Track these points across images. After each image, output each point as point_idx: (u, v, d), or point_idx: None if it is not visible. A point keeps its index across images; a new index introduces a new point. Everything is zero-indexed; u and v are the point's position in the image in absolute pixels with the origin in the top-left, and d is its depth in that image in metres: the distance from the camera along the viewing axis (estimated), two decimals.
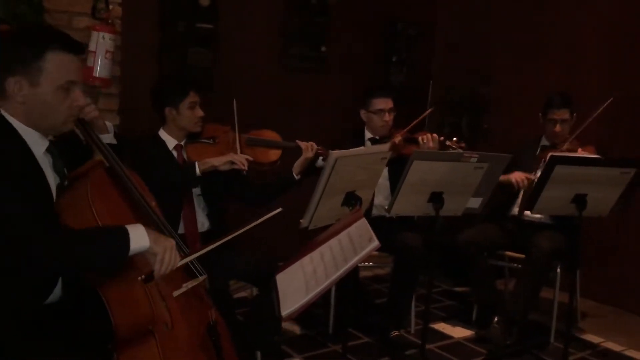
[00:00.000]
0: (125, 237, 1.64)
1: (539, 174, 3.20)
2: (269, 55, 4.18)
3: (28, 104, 1.70)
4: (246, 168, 2.67)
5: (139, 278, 1.71)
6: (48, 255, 1.59)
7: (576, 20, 4.25)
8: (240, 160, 2.66)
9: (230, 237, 1.87)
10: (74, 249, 1.62)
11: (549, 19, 4.39)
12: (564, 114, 3.38)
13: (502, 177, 3.24)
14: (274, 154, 2.90)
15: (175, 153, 2.83)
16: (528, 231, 3.39)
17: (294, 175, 2.88)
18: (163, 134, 2.85)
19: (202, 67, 3.81)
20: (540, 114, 3.49)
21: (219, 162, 2.65)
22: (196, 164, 2.64)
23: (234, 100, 2.84)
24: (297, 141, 2.89)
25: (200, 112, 2.81)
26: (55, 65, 1.70)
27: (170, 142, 2.84)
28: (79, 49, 1.79)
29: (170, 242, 1.73)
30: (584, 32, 4.20)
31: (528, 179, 3.25)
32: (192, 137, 2.86)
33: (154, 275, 1.70)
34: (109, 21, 3.08)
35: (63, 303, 1.82)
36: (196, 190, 2.82)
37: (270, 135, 2.97)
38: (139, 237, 1.66)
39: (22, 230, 1.57)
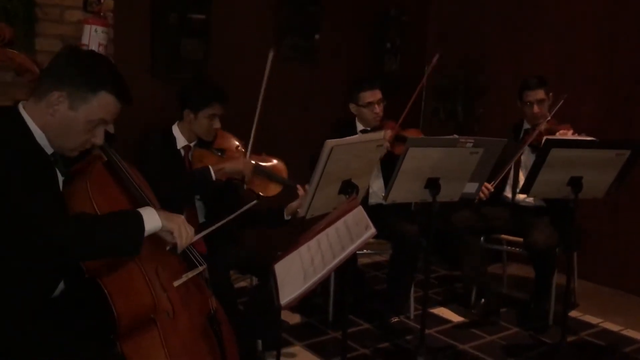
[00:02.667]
0: (139, 220, 1.72)
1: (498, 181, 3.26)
2: (262, 46, 4.14)
3: (55, 119, 1.73)
4: (248, 178, 2.74)
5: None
6: (68, 242, 1.64)
7: (571, 3, 4.23)
8: (248, 171, 2.72)
9: (233, 215, 2.03)
10: (93, 234, 1.66)
11: (543, 3, 4.38)
12: (539, 94, 3.40)
13: None
14: (274, 189, 2.86)
15: (182, 152, 2.83)
16: (523, 215, 3.41)
17: (285, 215, 2.82)
18: (176, 130, 2.84)
19: (195, 58, 3.79)
20: (517, 100, 3.49)
21: (232, 168, 2.72)
22: (211, 170, 2.66)
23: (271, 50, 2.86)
24: (298, 186, 2.79)
25: (217, 125, 2.79)
26: (102, 104, 1.76)
27: (181, 141, 2.83)
28: (129, 102, 1.84)
29: (181, 218, 1.83)
30: (578, 16, 4.19)
31: (488, 189, 3.25)
32: (202, 142, 2.85)
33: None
34: (101, 14, 3.07)
35: (65, 296, 1.84)
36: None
37: (278, 167, 2.92)
38: (151, 218, 1.74)
39: (44, 220, 1.61)
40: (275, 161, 2.94)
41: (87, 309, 1.82)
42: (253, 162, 2.77)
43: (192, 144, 2.85)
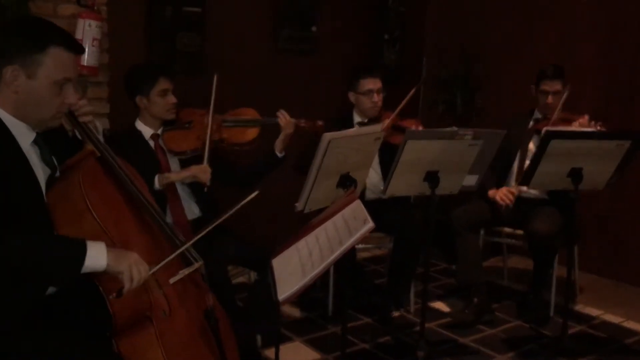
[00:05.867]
0: (80, 252, 1.61)
1: (520, 186, 3.23)
2: (259, 37, 4.13)
3: (21, 94, 1.70)
4: (209, 184, 2.62)
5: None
6: (5, 254, 1.57)
7: None
8: (204, 176, 2.60)
9: (207, 229, 1.88)
10: (27, 254, 1.59)
11: None
12: (556, 85, 3.35)
13: (490, 193, 3.33)
14: (252, 133, 2.82)
15: (152, 143, 2.79)
16: (525, 207, 3.39)
17: (277, 153, 2.84)
18: (139, 124, 2.80)
19: (191, 51, 3.76)
20: (532, 86, 3.47)
21: (180, 177, 2.65)
22: (155, 178, 2.59)
23: (215, 76, 2.77)
24: (277, 117, 2.82)
25: (172, 99, 2.75)
26: (55, 60, 1.71)
27: (147, 132, 2.79)
28: (80, 49, 1.81)
29: (134, 257, 1.70)
30: (578, 6, 4.16)
31: (512, 193, 3.26)
32: (168, 124, 2.81)
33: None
34: (95, 8, 3.03)
35: (62, 293, 1.82)
36: None
37: (248, 113, 2.89)
38: (96, 254, 1.63)
39: None
40: (244, 109, 2.91)
41: (84, 307, 1.80)
42: (208, 167, 2.64)
43: (159, 131, 2.80)
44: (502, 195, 3.28)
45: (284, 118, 2.82)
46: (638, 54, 3.89)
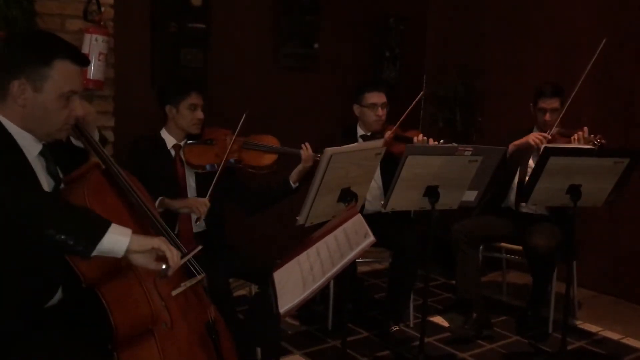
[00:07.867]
0: (102, 228, 1.56)
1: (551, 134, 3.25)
2: (261, 54, 4.18)
3: (28, 108, 1.72)
4: (203, 216, 2.61)
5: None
6: (36, 209, 1.54)
7: (569, 12, 4.25)
8: (199, 209, 2.59)
9: (192, 254, 1.87)
10: (54, 213, 1.56)
11: (541, 11, 4.40)
12: (554, 103, 3.40)
13: (517, 142, 3.31)
14: (268, 158, 2.90)
15: (172, 152, 2.86)
16: (525, 223, 3.41)
17: (291, 183, 2.89)
18: (164, 132, 2.88)
19: (195, 67, 3.81)
20: (531, 104, 3.51)
21: (177, 206, 2.64)
22: (157, 201, 2.59)
23: (244, 115, 2.78)
24: (300, 149, 2.88)
25: (200, 115, 2.82)
26: (61, 74, 1.73)
27: (170, 141, 2.86)
28: (85, 61, 1.83)
29: (162, 238, 1.70)
30: (577, 25, 4.21)
31: (545, 137, 3.26)
32: (192, 138, 2.88)
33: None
34: (101, 23, 3.08)
35: (63, 305, 1.83)
36: (192, 192, 2.85)
37: (269, 140, 2.98)
38: (120, 233, 1.58)
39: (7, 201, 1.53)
40: (266, 136, 2.99)
41: (85, 319, 1.81)
42: (207, 202, 2.63)
43: (182, 143, 2.87)
44: (534, 137, 3.29)
45: (306, 151, 2.88)
46: (636, 71, 3.93)
